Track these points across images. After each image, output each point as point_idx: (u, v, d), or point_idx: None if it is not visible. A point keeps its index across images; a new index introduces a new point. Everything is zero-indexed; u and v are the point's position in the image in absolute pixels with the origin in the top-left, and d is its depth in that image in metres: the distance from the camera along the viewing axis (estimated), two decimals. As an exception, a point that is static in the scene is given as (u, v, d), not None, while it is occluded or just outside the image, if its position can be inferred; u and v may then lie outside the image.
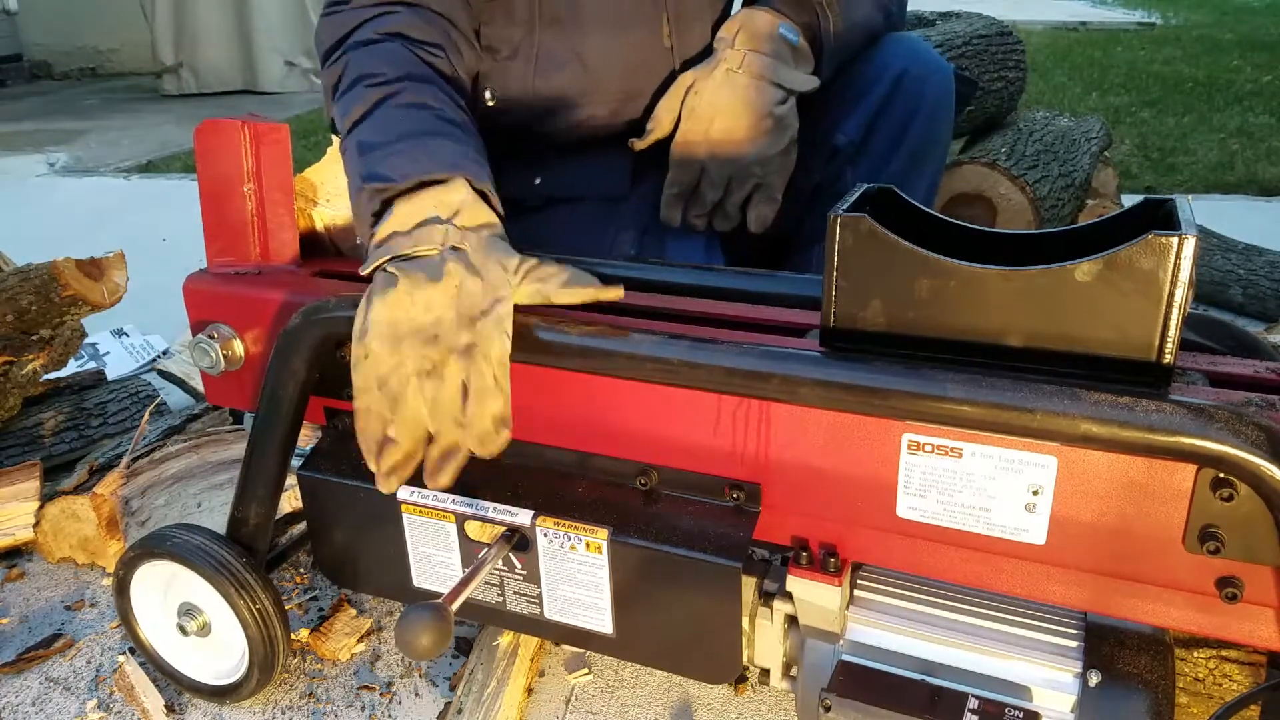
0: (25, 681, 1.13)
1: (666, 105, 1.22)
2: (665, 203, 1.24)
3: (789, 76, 1.18)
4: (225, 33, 5.66)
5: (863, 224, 0.75)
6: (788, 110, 1.18)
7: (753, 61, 1.17)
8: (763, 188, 1.21)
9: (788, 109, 1.18)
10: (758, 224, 1.22)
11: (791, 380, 0.76)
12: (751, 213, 1.22)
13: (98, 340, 2.04)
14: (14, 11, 7.02)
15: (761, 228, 1.22)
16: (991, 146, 2.12)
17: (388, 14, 1.09)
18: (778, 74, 1.17)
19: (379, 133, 0.97)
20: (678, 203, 1.24)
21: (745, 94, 1.17)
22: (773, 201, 1.21)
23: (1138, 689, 0.75)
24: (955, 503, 0.76)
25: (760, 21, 1.19)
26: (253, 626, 0.98)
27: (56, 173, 4.01)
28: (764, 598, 0.88)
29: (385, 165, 0.92)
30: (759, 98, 1.16)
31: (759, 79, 1.17)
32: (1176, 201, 0.72)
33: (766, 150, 1.18)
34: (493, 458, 0.84)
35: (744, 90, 1.17)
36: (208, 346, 1.03)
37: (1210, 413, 0.65)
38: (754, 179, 1.20)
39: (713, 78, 1.19)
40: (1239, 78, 5.05)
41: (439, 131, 0.98)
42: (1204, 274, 2.07)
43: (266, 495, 1.00)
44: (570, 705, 1.06)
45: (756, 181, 1.20)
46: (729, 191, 1.21)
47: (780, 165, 1.20)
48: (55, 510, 1.29)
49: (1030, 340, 0.73)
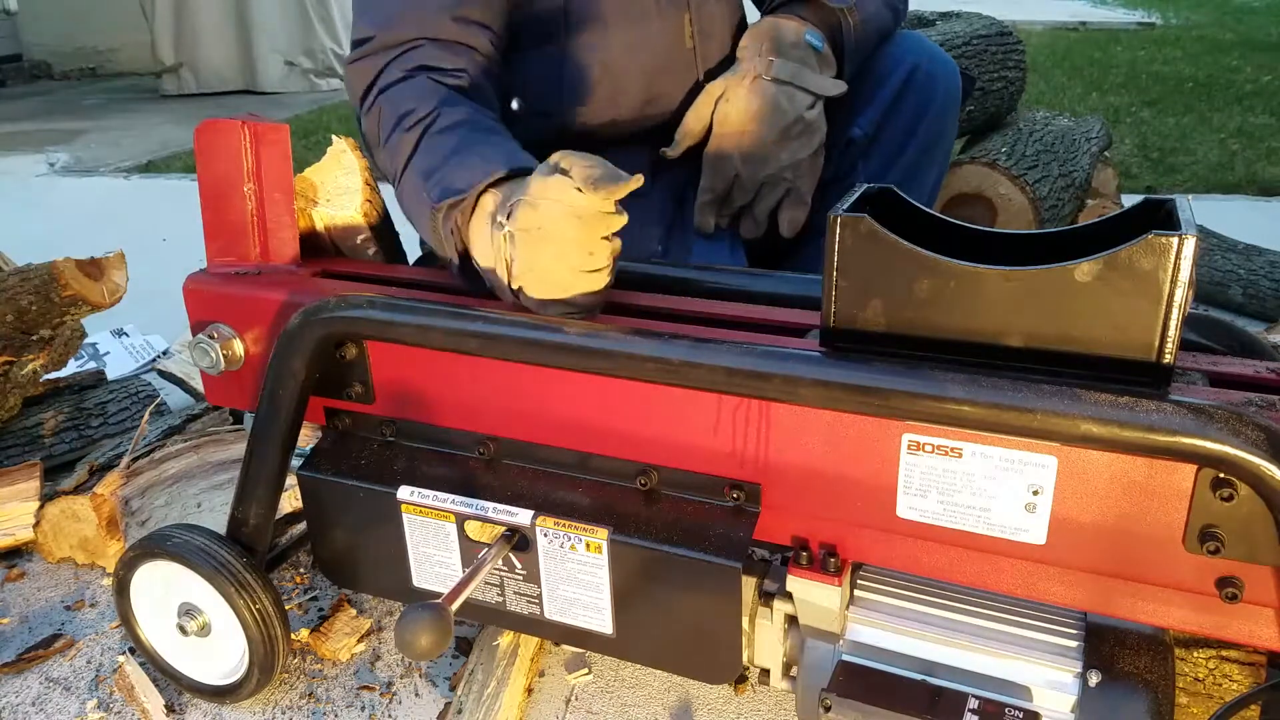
0: (25, 681, 1.13)
1: (696, 114, 1.25)
2: (700, 210, 1.27)
3: (817, 82, 1.20)
4: (225, 33, 5.66)
5: (863, 224, 0.75)
6: (816, 115, 1.21)
7: (782, 69, 1.19)
8: (793, 192, 1.23)
9: (816, 113, 1.21)
10: (789, 228, 1.25)
11: (791, 380, 0.76)
12: (783, 216, 1.25)
13: (98, 340, 2.04)
14: (14, 11, 7.03)
15: (793, 231, 1.25)
16: (991, 146, 2.12)
17: (410, 50, 1.11)
18: (806, 80, 1.20)
19: (430, 159, 1.00)
20: (712, 209, 1.27)
21: (776, 101, 1.19)
22: (803, 205, 1.24)
23: (1138, 689, 0.75)
24: (955, 503, 0.76)
25: (786, 29, 1.21)
26: (253, 626, 0.98)
27: (56, 173, 4.01)
28: (764, 598, 0.88)
29: (448, 181, 0.96)
30: (789, 104, 1.19)
31: (788, 86, 1.19)
32: (1176, 201, 0.72)
33: (798, 153, 1.21)
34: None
35: (774, 97, 1.19)
36: (208, 346, 1.03)
37: (1210, 413, 0.65)
38: (785, 184, 1.23)
39: (743, 85, 1.21)
40: (1239, 78, 5.05)
41: (483, 138, 1.01)
42: (1204, 274, 2.07)
43: (266, 495, 1.00)
44: (570, 705, 1.06)
45: (788, 186, 1.23)
46: (759, 197, 1.24)
47: (810, 169, 1.23)
48: (55, 510, 1.29)
49: (1030, 340, 0.73)
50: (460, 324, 0.86)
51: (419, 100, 1.06)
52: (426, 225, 0.99)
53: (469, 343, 0.86)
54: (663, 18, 1.25)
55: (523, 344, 0.84)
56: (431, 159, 1.00)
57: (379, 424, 1.00)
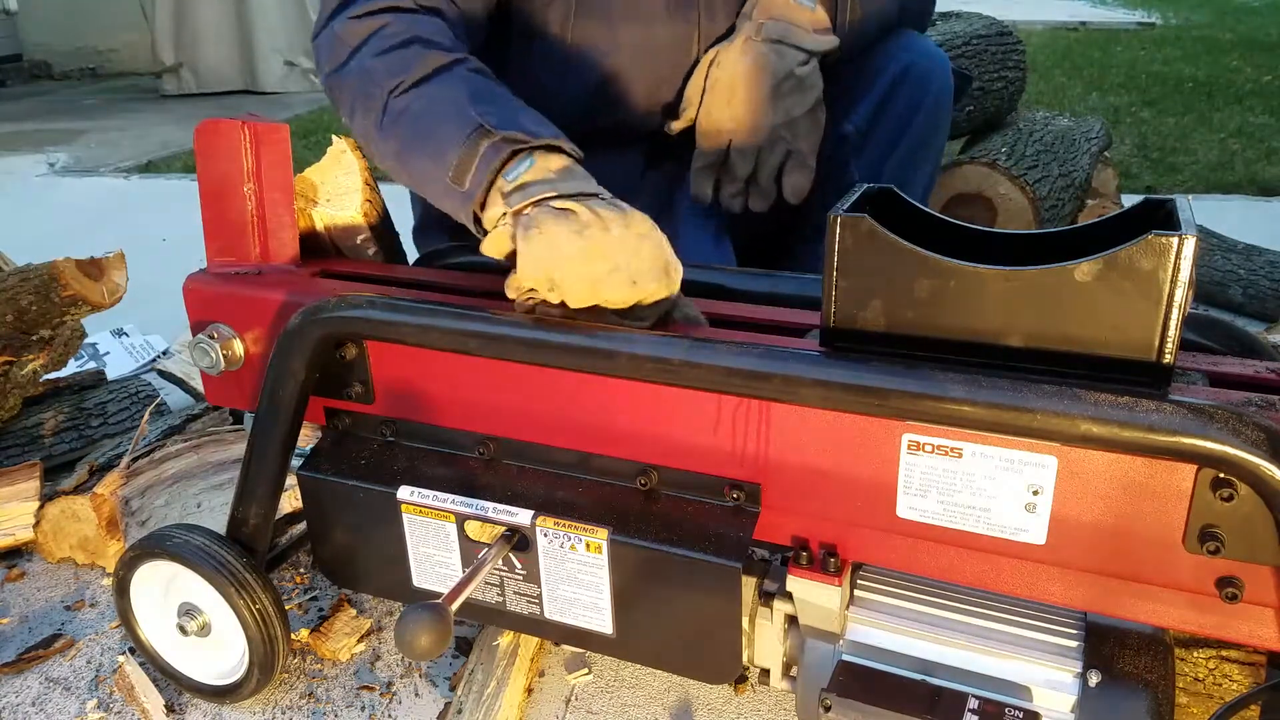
0: (25, 681, 1.13)
1: (694, 84, 1.24)
2: (695, 177, 1.25)
3: (806, 39, 1.19)
4: (225, 33, 5.66)
5: (863, 224, 0.75)
6: (810, 70, 1.19)
7: (770, 29, 1.18)
8: (794, 154, 1.21)
9: (809, 70, 1.19)
10: (794, 193, 1.23)
11: (791, 380, 0.76)
12: (786, 181, 1.23)
13: (98, 340, 2.04)
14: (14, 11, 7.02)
15: (798, 197, 1.23)
16: (991, 146, 2.12)
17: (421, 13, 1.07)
18: (795, 36, 1.18)
19: (486, 93, 0.97)
20: (708, 176, 1.24)
21: (764, 60, 1.18)
22: (806, 169, 1.22)
23: (1138, 689, 0.75)
24: (955, 503, 0.76)
25: None
26: (253, 626, 0.98)
27: (56, 173, 4.01)
28: (764, 598, 0.88)
29: (520, 120, 0.93)
30: (779, 61, 1.18)
31: (777, 44, 1.18)
32: (1176, 201, 0.72)
33: (791, 111, 1.19)
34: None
35: (762, 57, 1.18)
36: (208, 346, 1.03)
37: (1210, 413, 0.65)
38: (784, 144, 1.21)
39: (732, 48, 1.20)
40: (1239, 78, 5.05)
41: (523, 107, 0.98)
42: (1204, 274, 2.07)
43: (266, 495, 1.00)
44: (570, 705, 1.06)
45: (787, 148, 1.21)
46: (760, 163, 1.22)
47: (808, 129, 1.21)
48: (55, 510, 1.29)
49: (1030, 340, 0.73)
50: (460, 324, 0.86)
51: (444, 36, 1.02)
52: (453, 143, 0.93)
53: (469, 343, 0.86)
54: (671, 23, 1.23)
55: (523, 344, 0.84)
56: (485, 93, 0.96)
57: (379, 424, 1.00)
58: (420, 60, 1.00)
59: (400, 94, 0.99)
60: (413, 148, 0.97)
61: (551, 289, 0.85)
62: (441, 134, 0.95)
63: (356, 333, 0.93)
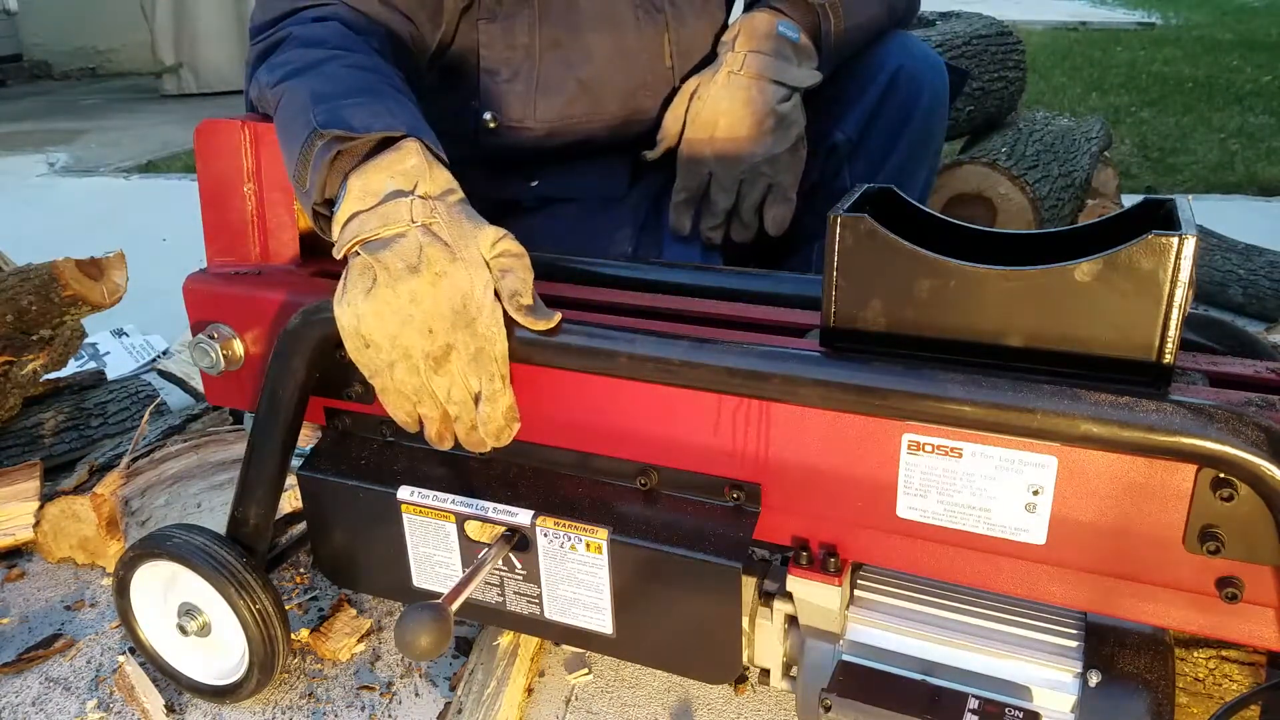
0: (25, 681, 1.13)
1: (673, 114, 1.23)
2: (674, 210, 1.24)
3: (790, 73, 1.18)
4: (225, 33, 5.66)
5: (863, 224, 0.75)
6: (792, 107, 1.19)
7: (753, 62, 1.17)
8: (775, 188, 1.20)
9: (792, 106, 1.19)
10: (775, 226, 1.22)
11: (791, 380, 0.76)
12: (767, 214, 1.22)
13: (98, 340, 2.04)
14: (14, 11, 7.03)
15: (780, 230, 1.22)
16: (991, 146, 2.12)
17: (325, 4, 1.06)
18: (779, 72, 1.17)
19: (330, 85, 0.93)
20: (687, 209, 1.24)
21: (747, 94, 1.17)
22: (787, 202, 1.21)
23: (1138, 689, 0.75)
24: (955, 503, 0.76)
25: (759, 21, 1.19)
26: (253, 626, 0.98)
27: (56, 173, 4.01)
28: (764, 598, 0.88)
29: (345, 114, 0.88)
30: (761, 97, 1.16)
31: (759, 78, 1.17)
32: (1176, 201, 0.72)
33: (773, 148, 1.18)
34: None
35: (745, 90, 1.17)
36: (208, 346, 1.03)
37: (1210, 413, 0.65)
38: (765, 179, 1.20)
39: (715, 81, 1.19)
40: (1239, 78, 5.05)
41: (393, 94, 0.94)
42: (1204, 274, 2.07)
43: (266, 495, 1.00)
44: (570, 705, 1.06)
45: (768, 182, 1.20)
46: (741, 196, 1.21)
47: (790, 164, 1.20)
48: (55, 510, 1.29)
49: (1030, 340, 0.73)
50: (460, 324, 0.86)
51: (332, 35, 1.00)
52: (296, 149, 0.90)
53: (469, 343, 0.86)
54: (640, 32, 1.22)
55: (522, 344, 0.84)
56: (330, 85, 0.93)
57: (379, 424, 1.00)
58: (301, 58, 0.97)
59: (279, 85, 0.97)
60: (284, 151, 0.95)
61: (367, 345, 0.84)
62: (289, 136, 0.93)
63: (356, 333, 0.93)
